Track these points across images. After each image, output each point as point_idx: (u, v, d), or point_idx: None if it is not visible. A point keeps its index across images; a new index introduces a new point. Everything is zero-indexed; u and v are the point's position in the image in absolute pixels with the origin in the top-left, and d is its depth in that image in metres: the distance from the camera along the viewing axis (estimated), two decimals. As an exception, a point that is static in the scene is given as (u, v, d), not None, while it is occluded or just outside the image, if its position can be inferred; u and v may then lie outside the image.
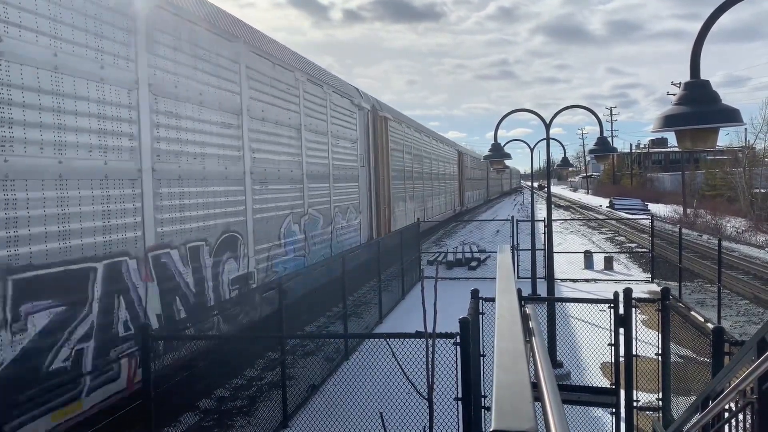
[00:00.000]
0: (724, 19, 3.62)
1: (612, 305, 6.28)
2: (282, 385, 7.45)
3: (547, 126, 10.49)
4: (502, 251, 3.80)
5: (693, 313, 7.33)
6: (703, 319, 6.34)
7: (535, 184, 44.79)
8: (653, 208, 49.29)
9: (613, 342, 6.36)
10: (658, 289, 7.69)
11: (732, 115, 3.35)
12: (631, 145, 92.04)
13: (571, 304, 11.20)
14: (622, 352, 6.30)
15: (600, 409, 6.89)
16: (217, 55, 7.88)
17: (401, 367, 3.19)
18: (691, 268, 17.82)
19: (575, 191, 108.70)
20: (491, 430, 1.25)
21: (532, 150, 17.87)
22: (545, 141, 10.96)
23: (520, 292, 3.94)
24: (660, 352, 6.35)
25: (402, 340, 5.56)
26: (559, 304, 11.08)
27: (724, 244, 15.93)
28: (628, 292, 6.38)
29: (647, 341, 6.87)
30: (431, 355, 2.84)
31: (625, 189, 72.14)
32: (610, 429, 6.53)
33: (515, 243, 16.98)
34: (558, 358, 9.06)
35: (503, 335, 1.97)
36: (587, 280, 17.39)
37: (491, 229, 32.84)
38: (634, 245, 26.35)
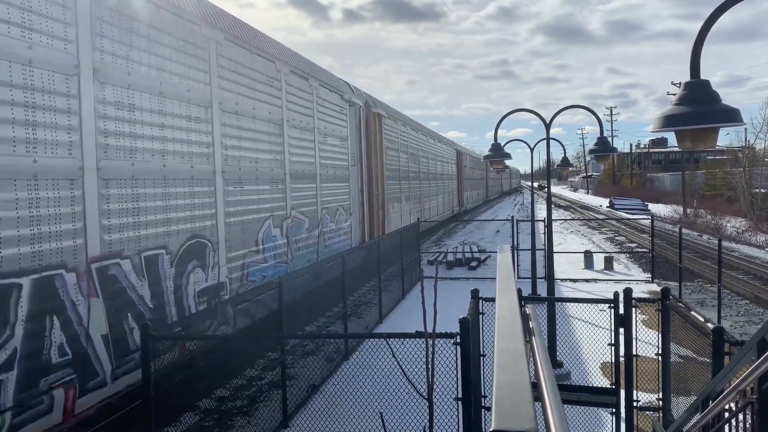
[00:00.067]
0: (724, 19, 3.62)
1: (612, 305, 6.28)
2: (282, 385, 7.45)
3: (547, 126, 10.50)
4: (502, 251, 3.80)
5: (693, 313, 7.34)
6: (703, 319, 6.35)
7: (535, 184, 44.81)
8: (653, 208, 49.29)
9: (613, 342, 6.37)
10: (658, 289, 7.69)
11: (732, 115, 3.36)
12: (631, 145, 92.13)
13: (571, 304, 11.20)
14: (622, 352, 6.30)
15: (600, 409, 6.89)
16: (181, 40, 7.17)
17: (401, 367, 3.19)
18: (691, 268, 17.82)
19: (575, 191, 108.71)
20: (491, 430, 1.25)
21: (532, 150, 17.89)
22: (545, 141, 10.96)
23: (520, 292, 3.94)
24: (660, 352, 6.35)
25: (402, 340, 5.56)
26: (559, 304, 11.07)
27: (725, 244, 15.93)
28: (628, 292, 6.38)
29: (647, 341, 6.87)
30: (431, 355, 2.84)
31: (625, 189, 72.14)
32: (610, 429, 6.53)
33: (515, 243, 16.98)
34: (558, 358, 9.06)
35: (503, 335, 1.97)
36: (587, 280, 17.39)
37: (491, 229, 32.84)
38: (634, 245, 26.35)
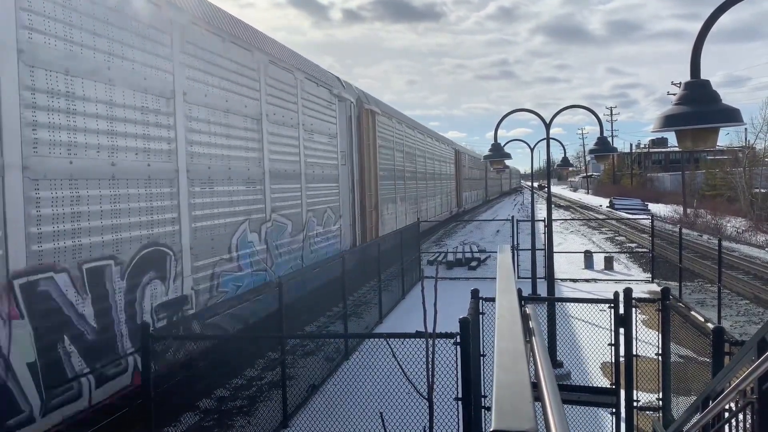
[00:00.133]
0: (724, 19, 3.61)
1: (612, 305, 6.28)
2: (282, 385, 7.45)
3: (547, 126, 10.50)
4: (502, 251, 3.81)
5: (693, 313, 7.34)
6: (703, 319, 6.35)
7: (535, 184, 44.82)
8: (653, 208, 49.31)
9: (613, 342, 6.37)
10: (659, 289, 7.69)
11: (732, 115, 3.36)
12: (631, 145, 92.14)
13: (572, 304, 11.19)
14: (622, 352, 6.30)
15: (600, 409, 6.89)
16: (135, 20, 6.41)
17: (401, 367, 3.19)
18: (691, 268, 17.82)
19: (575, 191, 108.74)
20: (491, 430, 1.25)
21: (532, 150, 17.90)
22: (545, 141, 10.96)
23: (520, 292, 3.94)
24: (660, 352, 6.35)
25: (402, 340, 5.56)
26: (559, 304, 11.07)
27: (725, 244, 15.94)
28: (628, 292, 6.38)
29: (647, 341, 6.87)
30: (431, 355, 2.84)
31: (625, 189, 72.17)
32: (610, 429, 6.53)
33: (515, 243, 16.98)
34: (558, 358, 9.06)
35: (503, 335, 1.97)
36: (587, 280, 17.39)
37: (491, 229, 32.84)
38: (634, 245, 26.35)
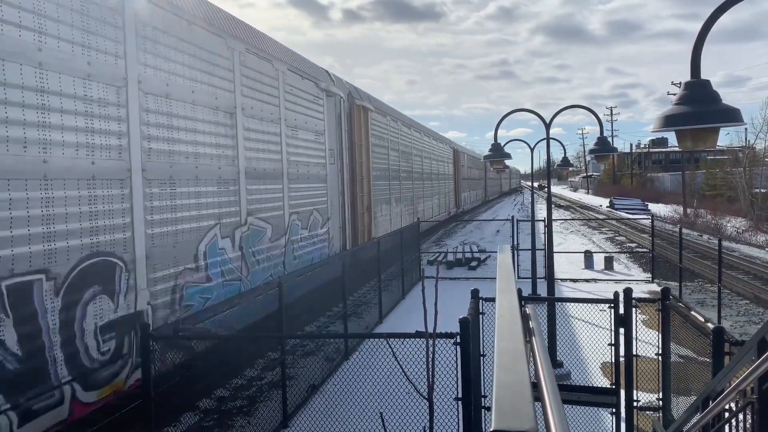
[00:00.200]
0: (724, 19, 3.61)
1: (612, 305, 6.29)
2: (282, 385, 7.46)
3: (547, 126, 10.50)
4: (502, 251, 3.81)
5: (693, 313, 7.34)
6: (703, 319, 6.35)
7: (535, 184, 44.83)
8: (653, 208, 49.31)
9: (613, 342, 6.37)
10: (659, 289, 7.69)
11: (732, 115, 3.35)
12: (631, 145, 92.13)
13: (572, 304, 11.20)
14: (623, 352, 6.30)
15: (600, 409, 6.89)
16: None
17: (401, 367, 3.19)
18: (691, 268, 17.82)
19: (575, 191, 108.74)
20: (491, 430, 1.25)
21: (532, 150, 17.91)
22: (545, 141, 10.96)
23: (520, 292, 3.94)
24: (660, 352, 6.35)
25: (402, 340, 5.56)
26: (559, 304, 11.07)
27: (725, 244, 15.94)
28: (628, 292, 6.38)
29: (647, 341, 6.87)
30: (431, 355, 2.83)
31: (625, 189, 72.17)
32: (610, 429, 6.53)
33: (515, 243, 16.98)
34: (558, 358, 9.06)
35: (503, 335, 1.97)
36: (587, 280, 17.39)
37: (491, 229, 32.85)
38: (634, 245, 26.35)
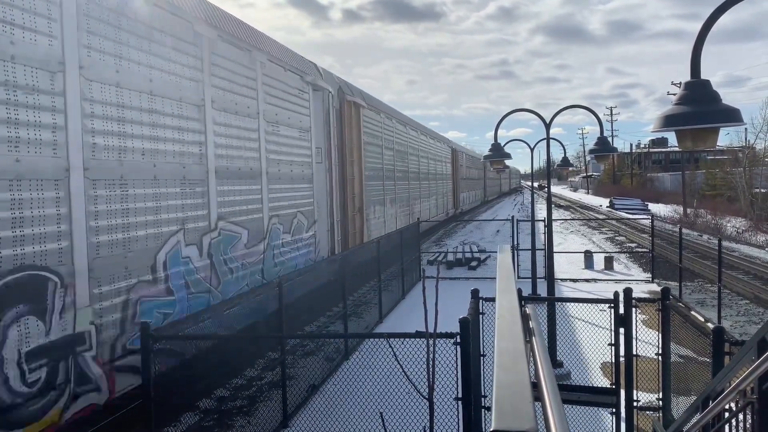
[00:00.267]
0: (724, 19, 3.61)
1: (612, 305, 6.29)
2: (282, 385, 7.45)
3: (547, 126, 10.50)
4: (502, 251, 3.81)
5: (693, 312, 7.33)
6: (703, 319, 6.34)
7: (535, 184, 44.81)
8: (653, 208, 49.32)
9: (613, 342, 6.37)
10: (659, 289, 7.69)
11: (732, 115, 3.36)
12: (631, 145, 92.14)
13: (572, 304, 11.19)
14: (623, 352, 6.30)
15: (600, 409, 6.89)
16: None
17: (402, 367, 3.19)
18: (691, 268, 17.82)
19: (575, 191, 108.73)
20: (491, 430, 1.26)
21: (532, 150, 17.90)
22: (545, 141, 10.96)
23: (520, 292, 3.94)
24: (660, 352, 6.35)
25: (402, 339, 5.56)
26: (559, 304, 11.07)
27: (725, 244, 15.94)
28: (628, 292, 6.38)
29: (647, 341, 6.87)
30: (432, 355, 2.84)
31: (625, 189, 72.18)
32: (610, 429, 6.53)
33: (515, 243, 16.98)
34: (558, 358, 9.06)
35: (503, 335, 1.97)
36: (587, 280, 17.39)
37: (491, 229, 32.85)
38: (634, 245, 26.35)
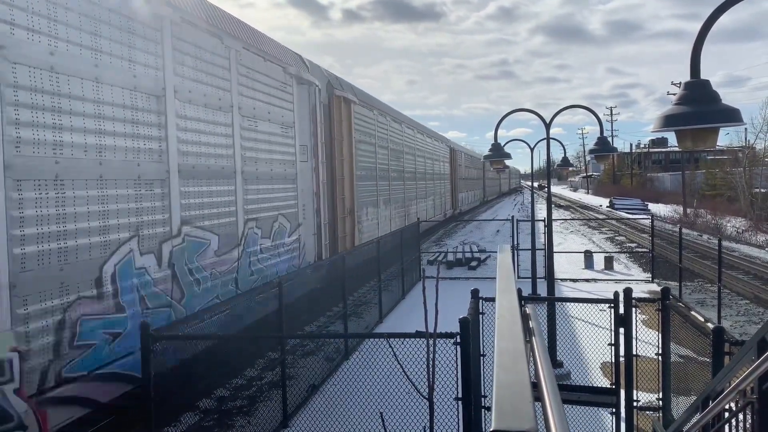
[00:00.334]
0: (724, 19, 3.61)
1: (612, 305, 6.28)
2: (282, 385, 7.46)
3: (547, 126, 10.50)
4: (502, 251, 3.81)
5: (693, 312, 7.33)
6: (703, 319, 6.34)
7: (535, 184, 44.79)
8: (653, 207, 49.32)
9: (613, 342, 6.37)
10: (658, 288, 7.69)
11: (732, 115, 3.36)
12: (631, 145, 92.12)
13: (572, 304, 11.19)
14: (623, 352, 6.30)
15: (600, 409, 6.89)
16: None
17: (402, 367, 3.19)
18: (691, 268, 17.82)
19: (575, 191, 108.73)
20: (491, 430, 1.26)
21: (532, 150, 17.90)
22: (545, 141, 10.96)
23: (520, 291, 3.94)
24: (660, 352, 6.35)
25: (402, 339, 5.56)
26: (559, 303, 11.07)
27: (725, 243, 15.94)
28: (628, 292, 6.38)
29: (647, 341, 6.87)
30: (432, 355, 2.84)
31: (625, 189, 72.17)
32: (610, 429, 6.53)
33: (515, 243, 16.98)
34: (558, 358, 9.06)
35: (503, 335, 1.97)
36: (587, 280, 17.39)
37: (491, 228, 32.85)
38: (634, 245, 26.35)
